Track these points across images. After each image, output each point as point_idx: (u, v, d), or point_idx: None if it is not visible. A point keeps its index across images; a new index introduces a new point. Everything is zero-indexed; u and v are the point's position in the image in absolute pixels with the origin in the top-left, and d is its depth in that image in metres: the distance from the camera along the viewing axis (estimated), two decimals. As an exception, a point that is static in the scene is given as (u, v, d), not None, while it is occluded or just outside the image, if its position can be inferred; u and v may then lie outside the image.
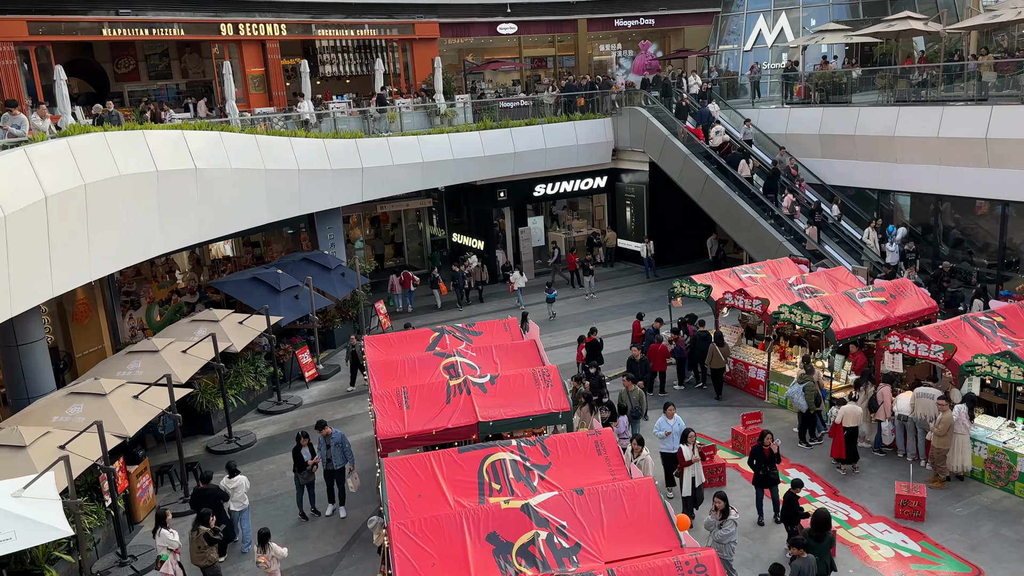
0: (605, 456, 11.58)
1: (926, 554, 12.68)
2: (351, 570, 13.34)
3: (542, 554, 9.38)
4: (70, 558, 12.89)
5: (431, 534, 9.64)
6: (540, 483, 11.00)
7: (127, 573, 13.36)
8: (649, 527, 9.81)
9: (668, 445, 14.40)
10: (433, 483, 11.02)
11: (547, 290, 25.85)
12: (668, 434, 14.33)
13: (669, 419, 14.40)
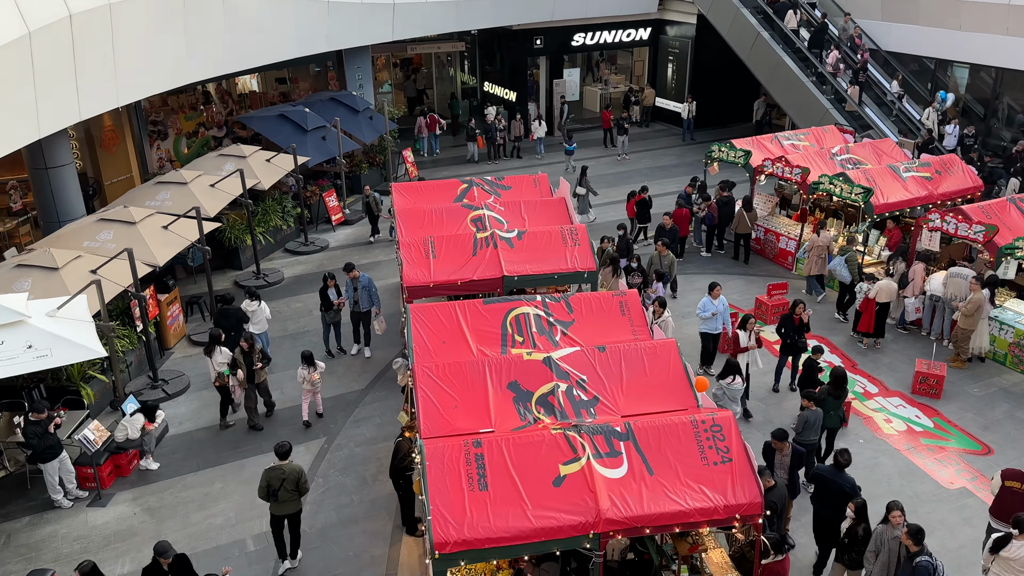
0: (629, 317, 11.59)
1: (938, 430, 12.87)
2: (375, 406, 13.82)
3: (560, 404, 9.56)
4: (104, 378, 13.43)
5: (454, 378, 9.82)
6: (562, 338, 11.09)
7: (159, 395, 13.94)
8: (668, 386, 9.92)
9: (711, 326, 14.12)
10: (457, 331, 11.14)
11: (567, 142, 25.22)
12: (714, 315, 13.98)
13: (714, 299, 13.96)
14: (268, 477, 9.90)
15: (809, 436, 11.15)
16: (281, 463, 10.01)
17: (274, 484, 9.88)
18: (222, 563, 10.39)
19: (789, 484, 10.15)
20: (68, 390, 12.86)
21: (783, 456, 10.17)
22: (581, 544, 8.21)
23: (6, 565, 10.38)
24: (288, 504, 10.03)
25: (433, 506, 8.12)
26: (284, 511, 10.07)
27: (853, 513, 9.18)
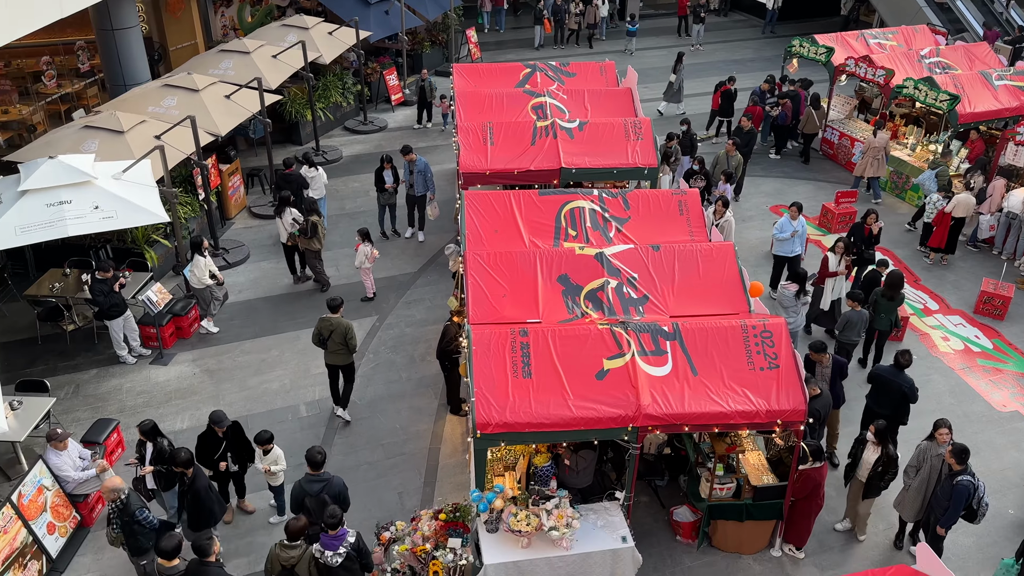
0: (687, 217, 11.34)
1: (997, 352, 12.53)
2: (426, 289, 14.02)
3: (609, 300, 9.54)
4: (167, 243, 13.84)
5: (504, 267, 9.84)
6: (616, 235, 10.94)
7: (219, 263, 14.35)
8: (721, 290, 9.79)
9: (786, 248, 13.19)
10: (510, 221, 11.07)
11: (629, 22, 24.09)
12: (794, 234, 13.02)
13: (793, 219, 13.06)
14: (320, 326, 10.63)
15: (850, 336, 11.19)
16: (331, 315, 10.59)
17: (324, 333, 10.56)
18: (275, 427, 10.91)
19: (832, 394, 10.06)
20: (133, 252, 13.32)
21: (823, 368, 10.04)
22: (619, 436, 8.36)
23: (75, 412, 11.09)
24: (337, 355, 10.68)
25: (477, 388, 8.31)
26: (334, 361, 10.76)
27: (874, 438, 8.96)
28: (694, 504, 9.33)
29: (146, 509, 8.10)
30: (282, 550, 7.49)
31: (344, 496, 8.41)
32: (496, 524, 8.56)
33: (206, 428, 9.12)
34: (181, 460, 8.33)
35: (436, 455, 10.60)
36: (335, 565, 7.46)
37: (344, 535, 7.56)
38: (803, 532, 9.15)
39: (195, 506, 8.44)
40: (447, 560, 8.15)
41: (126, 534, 8.05)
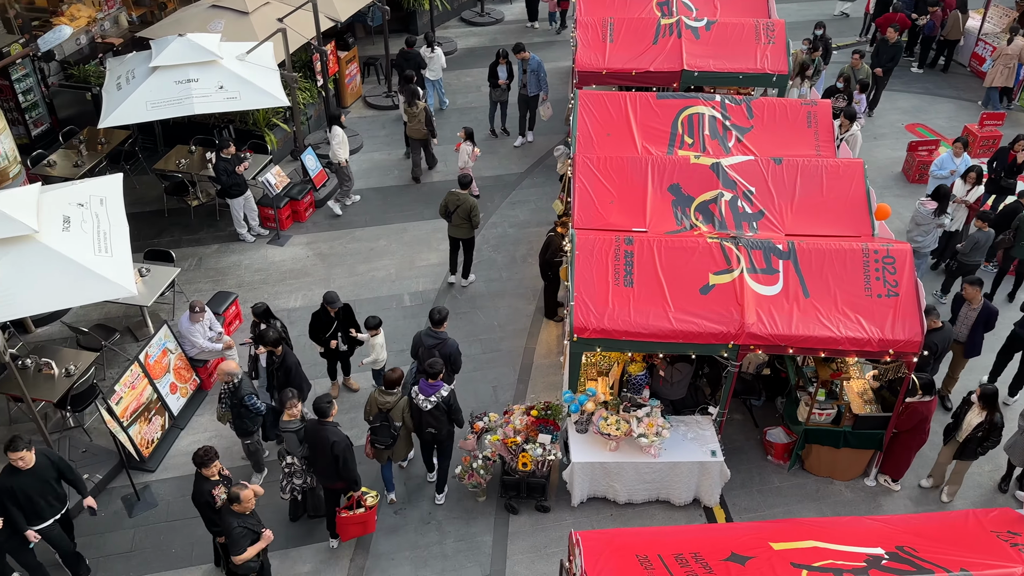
0: (815, 130, 10.69)
1: None
2: (532, 191, 13.94)
3: (721, 214, 9.21)
4: (286, 127, 14.18)
5: (614, 173, 9.60)
6: (736, 145, 10.45)
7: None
8: (844, 210, 9.27)
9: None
10: (624, 124, 10.72)
11: None
12: (953, 172, 11.90)
13: (956, 156, 11.96)
14: (447, 199, 11.23)
15: (974, 257, 10.71)
16: (459, 191, 11.19)
17: (450, 207, 11.17)
18: (380, 313, 11.30)
19: (970, 341, 9.41)
20: (253, 135, 13.73)
21: (972, 309, 9.40)
22: (718, 352, 8.23)
23: (197, 283, 11.79)
24: (460, 229, 11.31)
25: (577, 293, 8.29)
26: (457, 234, 11.40)
27: (979, 402, 8.34)
28: (789, 426, 9.18)
29: (255, 395, 8.45)
30: (380, 395, 8.22)
31: (455, 358, 8.98)
32: (586, 426, 8.70)
33: (320, 307, 9.48)
34: (269, 340, 8.60)
35: (531, 355, 10.77)
36: (425, 410, 8.11)
37: (439, 387, 8.15)
38: (902, 464, 8.89)
39: (284, 382, 8.71)
40: (536, 454, 8.39)
41: (233, 415, 8.50)
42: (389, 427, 8.16)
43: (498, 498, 8.84)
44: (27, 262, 7.90)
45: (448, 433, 8.45)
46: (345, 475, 7.74)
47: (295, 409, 7.96)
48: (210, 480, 7.32)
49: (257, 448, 8.88)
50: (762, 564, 5.56)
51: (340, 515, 7.92)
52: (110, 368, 10.35)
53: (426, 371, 8.14)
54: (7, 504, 7.20)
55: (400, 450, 8.52)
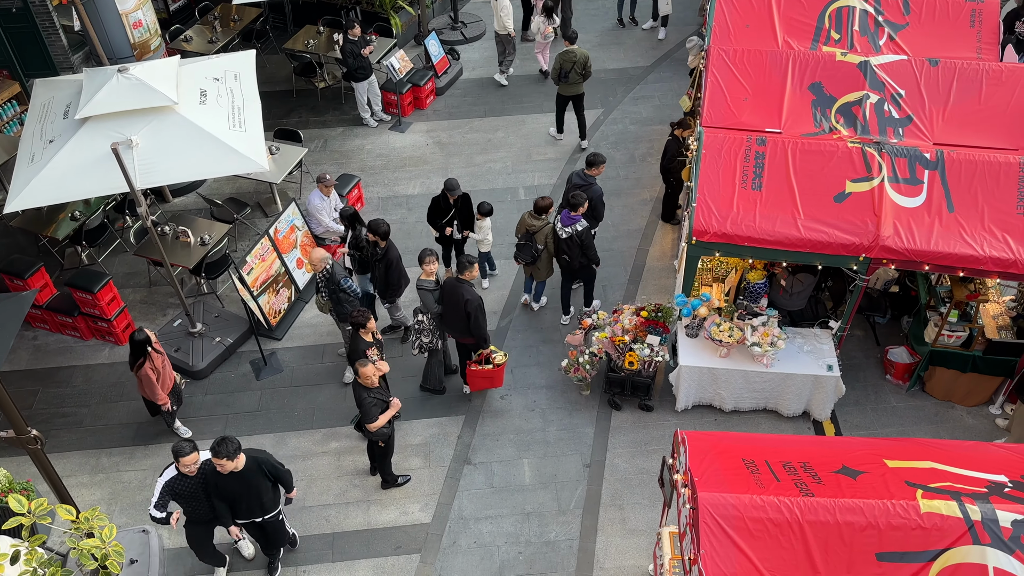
0: (979, 30, 9.67)
1: None
2: (658, 86, 13.39)
3: (865, 117, 8.58)
4: (411, 10, 14.04)
5: (751, 67, 9.05)
6: (888, 43, 9.60)
7: (457, 37, 14.44)
8: (1003, 120, 8.43)
9: None
10: (766, 15, 9.99)
11: None
12: None
13: None
14: (560, 60, 11.34)
15: None
16: (572, 47, 11.32)
17: (565, 67, 11.32)
18: (496, 204, 11.31)
19: None
20: (379, 17, 13.68)
21: None
22: (847, 264, 7.86)
23: (322, 165, 12.11)
24: (573, 86, 11.52)
25: (700, 195, 8.02)
26: (569, 92, 11.60)
27: None
28: (914, 346, 8.78)
29: (350, 278, 8.62)
30: (529, 218, 9.17)
31: (597, 204, 9.67)
32: (697, 330, 8.59)
33: (440, 193, 9.57)
34: (382, 231, 8.62)
35: (644, 256, 10.62)
36: (561, 238, 9.04)
37: (577, 220, 8.91)
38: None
39: (386, 275, 8.80)
40: (643, 354, 8.38)
41: (333, 301, 8.62)
42: (532, 247, 9.16)
43: (602, 394, 8.95)
44: (167, 133, 8.28)
45: (582, 266, 9.27)
46: (475, 332, 8.24)
47: (432, 267, 8.26)
48: (365, 340, 7.81)
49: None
50: (875, 480, 5.43)
51: (470, 368, 8.46)
52: (241, 240, 10.91)
53: (569, 203, 8.93)
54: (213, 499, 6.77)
55: (541, 271, 9.44)
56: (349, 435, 8.71)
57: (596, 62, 13.77)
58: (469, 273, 8.18)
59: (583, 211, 9.02)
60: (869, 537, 5.08)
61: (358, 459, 8.47)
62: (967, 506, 5.14)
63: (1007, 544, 5.01)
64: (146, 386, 8.04)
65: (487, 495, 8.14)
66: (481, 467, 8.39)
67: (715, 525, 5.14)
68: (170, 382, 8.26)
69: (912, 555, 5.04)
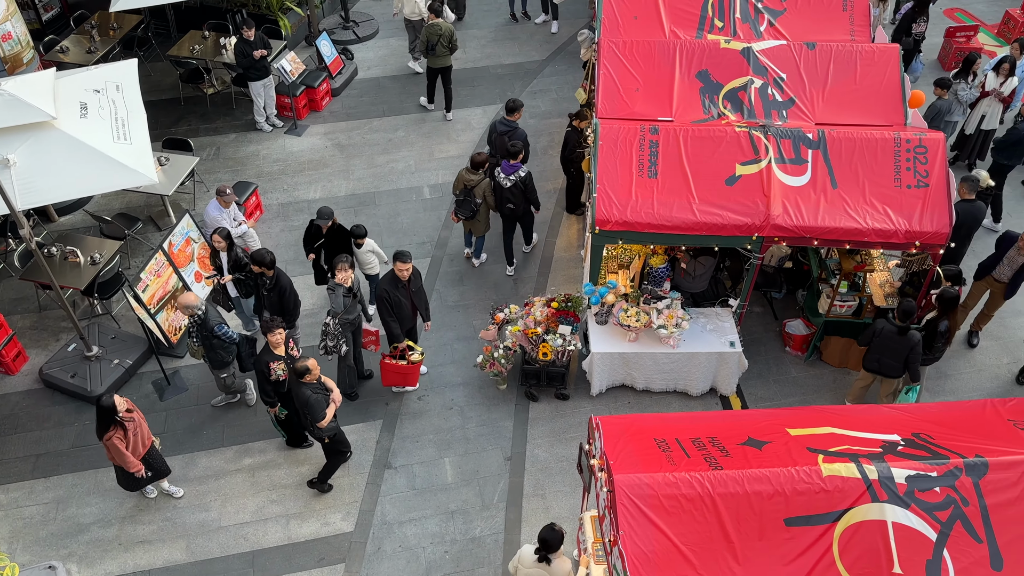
0: (851, 13, 10.19)
1: None
2: (553, 79, 13.54)
3: (751, 102, 8.93)
4: (300, 11, 13.74)
5: (640, 58, 9.28)
6: (768, 29, 10.02)
7: (349, 36, 14.23)
8: (877, 98, 8.95)
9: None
10: (652, 6, 10.25)
11: None
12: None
13: (1018, 58, 10.84)
14: (427, 33, 11.67)
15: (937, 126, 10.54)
16: (437, 20, 11.65)
17: (432, 40, 11.68)
18: (400, 205, 11.25)
19: (1012, 283, 8.75)
20: (267, 19, 13.33)
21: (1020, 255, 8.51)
22: (741, 244, 8.17)
23: (216, 173, 11.73)
24: (441, 58, 11.92)
25: (600, 185, 8.18)
26: (439, 64, 12.01)
27: (936, 303, 8.10)
28: (809, 318, 9.21)
29: (224, 324, 8.02)
30: (466, 173, 9.49)
31: (526, 142, 10.13)
32: (606, 317, 8.77)
33: (310, 223, 9.15)
34: (267, 261, 8.17)
35: (551, 247, 10.75)
36: (505, 187, 9.43)
37: (519, 167, 9.42)
38: (922, 358, 8.93)
39: (280, 302, 8.39)
40: (556, 344, 8.50)
41: (205, 347, 8.08)
42: (471, 202, 9.47)
43: (519, 386, 9.03)
44: (46, 149, 7.87)
45: (526, 211, 9.80)
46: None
47: (344, 273, 8.10)
48: (273, 352, 7.56)
49: (234, 381, 8.53)
50: (779, 448, 5.69)
51: (384, 360, 8.44)
52: (134, 257, 10.46)
53: (508, 151, 9.45)
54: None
55: (479, 225, 9.79)
56: (263, 450, 8.50)
57: (491, 58, 13.91)
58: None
59: (522, 157, 9.56)
60: (777, 504, 5.31)
61: (274, 474, 8.29)
62: (864, 466, 5.43)
63: (903, 499, 5.33)
64: (115, 455, 7.33)
65: (410, 497, 8.10)
66: (402, 470, 8.34)
67: (632, 505, 5.27)
68: (143, 449, 7.48)
69: (817, 517, 5.31)
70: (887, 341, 7.86)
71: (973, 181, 8.89)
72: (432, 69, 12.19)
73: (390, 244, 10.64)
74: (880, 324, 7.90)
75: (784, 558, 5.22)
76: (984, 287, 9.00)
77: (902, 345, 7.78)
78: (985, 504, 5.35)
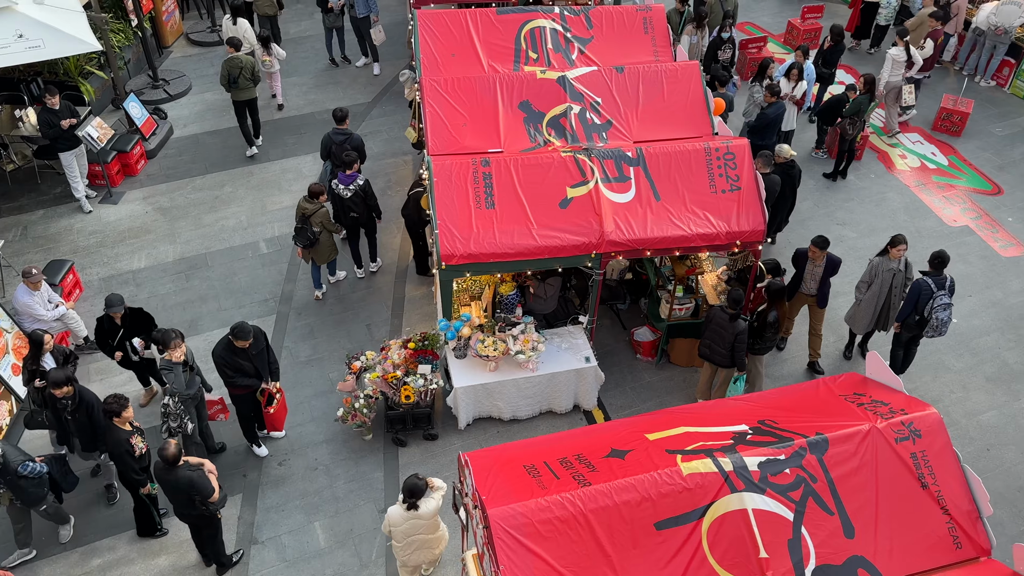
0: (652, 35, 10.88)
1: (951, 168, 12.72)
2: (383, 120, 13.53)
3: (572, 127, 9.30)
4: (102, 74, 12.98)
5: (463, 94, 9.45)
6: (579, 57, 10.49)
7: (160, 96, 13.59)
8: (685, 112, 9.58)
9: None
10: (468, 42, 10.51)
11: None
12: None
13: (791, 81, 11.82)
14: (228, 67, 11.59)
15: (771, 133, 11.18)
16: (237, 53, 11.67)
17: (233, 73, 11.62)
18: (236, 264, 10.80)
19: (820, 293, 9.22)
20: (67, 86, 12.48)
21: (816, 266, 9.08)
22: (582, 263, 8.44)
23: (26, 255, 10.79)
24: (246, 91, 11.91)
25: (440, 221, 8.22)
26: (243, 96, 11.97)
27: (765, 295, 8.60)
28: (654, 324, 9.64)
29: (29, 461, 7.12)
30: (303, 202, 9.58)
31: (362, 148, 10.46)
32: (464, 351, 8.78)
33: (103, 314, 8.36)
34: (60, 380, 7.23)
35: (402, 288, 10.67)
36: (346, 197, 9.69)
37: (356, 176, 9.68)
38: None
39: (90, 421, 7.52)
40: (418, 385, 8.41)
41: (14, 490, 7.12)
42: (307, 230, 9.50)
43: (385, 434, 8.85)
44: None
45: (369, 217, 10.06)
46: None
47: (179, 351, 7.60)
48: (124, 429, 7.08)
49: (56, 507, 7.62)
50: (640, 455, 5.87)
51: (267, 412, 8.35)
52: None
53: (343, 162, 9.66)
54: None
55: (321, 254, 9.81)
56: (112, 547, 7.81)
57: (315, 104, 13.73)
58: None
59: (358, 166, 9.81)
60: (645, 510, 5.47)
61: (126, 570, 7.62)
62: (720, 460, 5.70)
63: (758, 485, 5.64)
64: None
65: (281, 571, 7.69)
66: (270, 543, 7.91)
67: (508, 538, 5.26)
68: None
69: (684, 517, 5.50)
70: (718, 328, 8.38)
71: (768, 156, 9.65)
72: (238, 103, 12.11)
73: (229, 307, 10.19)
74: (714, 311, 8.42)
75: (659, 562, 5.37)
76: (799, 304, 9.47)
77: (729, 332, 8.30)
78: (831, 477, 5.75)
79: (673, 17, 13.10)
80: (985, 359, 9.78)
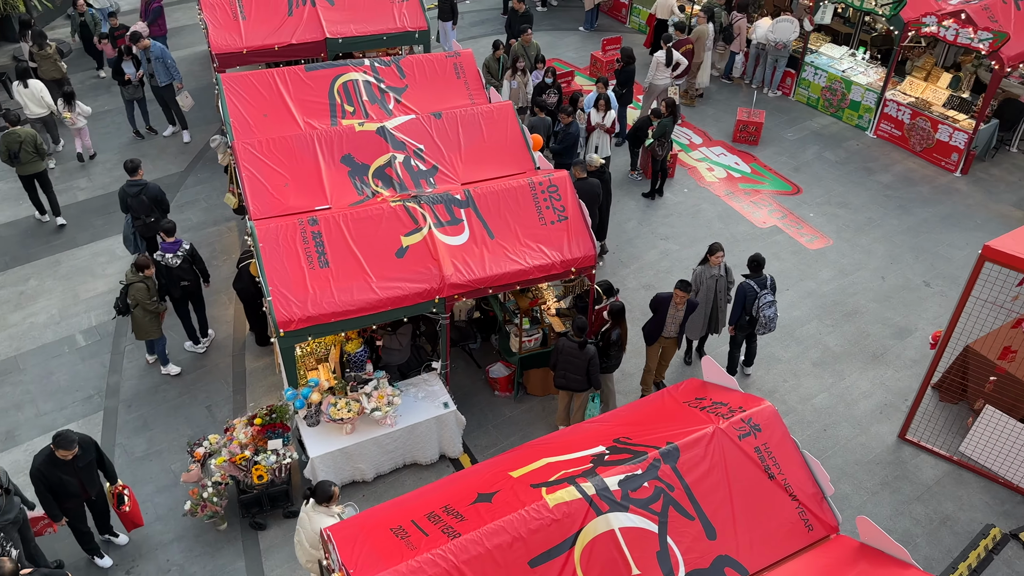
0: (464, 80, 11.11)
1: (754, 175, 13.79)
2: (199, 188, 12.94)
3: (399, 176, 9.29)
4: None
5: (281, 154, 9.21)
6: (396, 106, 10.54)
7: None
8: (506, 150, 9.82)
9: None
10: (279, 102, 10.29)
11: None
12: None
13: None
14: (6, 142, 11.06)
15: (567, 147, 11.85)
16: (15, 128, 11.13)
17: (13, 147, 11.09)
18: (52, 362, 9.91)
19: (679, 336, 9.38)
20: None
21: (678, 310, 9.12)
22: (427, 309, 8.39)
23: None
24: (32, 164, 11.32)
25: (272, 287, 7.92)
26: (30, 171, 11.39)
27: (608, 316, 8.89)
28: (507, 359, 9.71)
29: None
30: (130, 271, 9.16)
31: (162, 199, 10.35)
32: (316, 417, 8.46)
33: None
34: None
35: (241, 361, 10.16)
36: (175, 266, 9.37)
37: (180, 243, 9.44)
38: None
39: None
40: (270, 462, 7.99)
41: None
42: (122, 298, 9.20)
43: (241, 520, 8.32)
44: None
45: (198, 285, 9.74)
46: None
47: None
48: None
49: None
50: (507, 495, 5.84)
51: (123, 511, 7.78)
52: None
53: (164, 230, 9.41)
54: None
55: (138, 329, 9.35)
56: None
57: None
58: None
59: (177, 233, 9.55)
60: (518, 551, 5.43)
61: None
62: (582, 485, 5.78)
63: (620, 503, 5.75)
64: None
65: None
66: (128, 662, 7.22)
67: (384, 608, 5.06)
68: None
69: (556, 549, 5.51)
70: (569, 357, 8.55)
71: (582, 164, 10.46)
72: (25, 178, 11.51)
73: (49, 410, 9.31)
74: (562, 342, 8.58)
75: (539, 600, 5.35)
76: (658, 348, 9.49)
77: (581, 359, 8.51)
78: (687, 483, 5.97)
79: (492, 64, 13.65)
80: (809, 346, 10.57)
